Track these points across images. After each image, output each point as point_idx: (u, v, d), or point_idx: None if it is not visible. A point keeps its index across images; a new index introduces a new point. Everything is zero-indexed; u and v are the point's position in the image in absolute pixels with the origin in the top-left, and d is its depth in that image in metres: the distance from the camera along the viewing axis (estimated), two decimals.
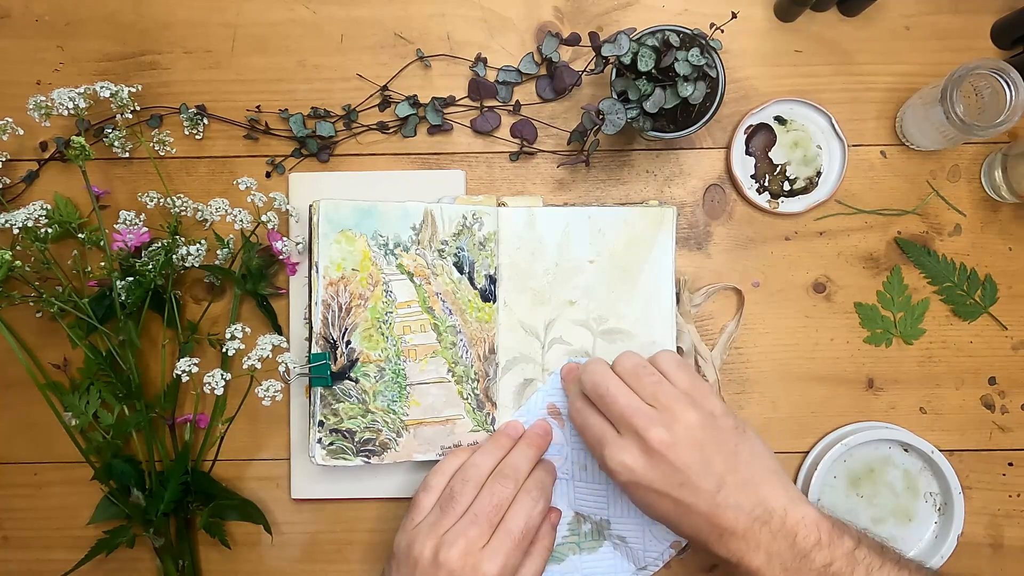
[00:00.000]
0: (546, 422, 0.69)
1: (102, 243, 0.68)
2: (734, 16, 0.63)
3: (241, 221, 0.68)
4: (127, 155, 0.72)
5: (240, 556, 0.73)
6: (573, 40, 0.71)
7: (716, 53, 0.65)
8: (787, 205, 0.72)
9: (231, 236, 0.71)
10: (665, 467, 0.57)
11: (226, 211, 0.67)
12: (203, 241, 0.69)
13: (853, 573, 0.55)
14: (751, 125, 0.72)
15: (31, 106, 0.68)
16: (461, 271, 0.70)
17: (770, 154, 0.72)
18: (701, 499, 0.57)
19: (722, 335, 0.72)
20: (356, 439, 0.68)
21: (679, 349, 0.71)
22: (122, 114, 0.70)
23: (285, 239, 0.69)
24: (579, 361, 0.69)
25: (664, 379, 0.61)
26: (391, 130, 0.73)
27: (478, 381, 0.70)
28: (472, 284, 0.70)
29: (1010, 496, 0.73)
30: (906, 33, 0.73)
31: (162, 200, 0.70)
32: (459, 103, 0.73)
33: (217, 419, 0.72)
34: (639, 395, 0.60)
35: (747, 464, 0.58)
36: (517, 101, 0.73)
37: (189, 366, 0.65)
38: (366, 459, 0.68)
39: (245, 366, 0.65)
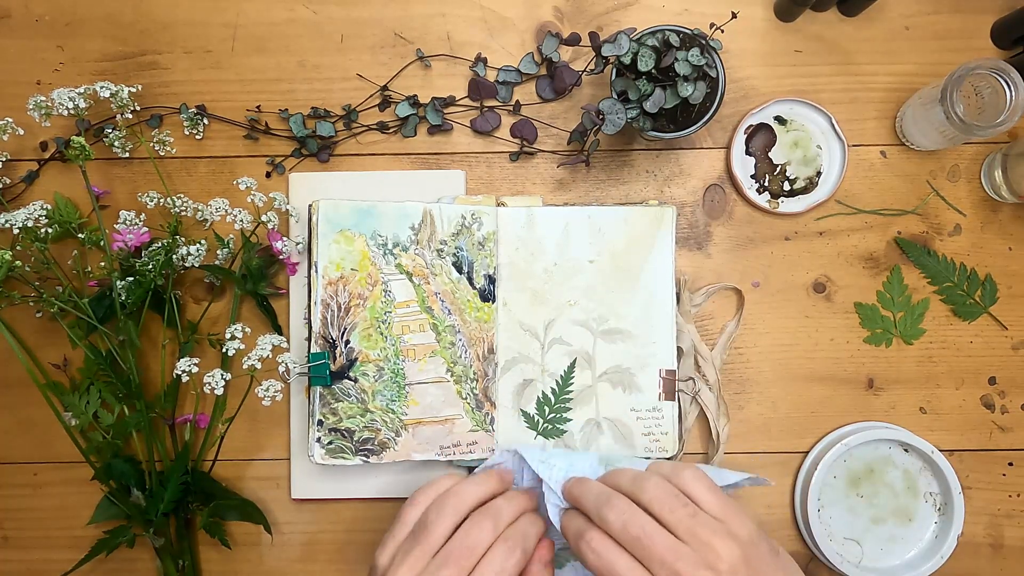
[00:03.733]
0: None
1: (102, 243, 0.68)
2: (734, 16, 0.63)
3: (241, 221, 0.68)
4: (127, 155, 0.72)
5: (240, 556, 0.73)
6: (573, 40, 0.71)
7: (716, 53, 0.65)
8: (787, 205, 0.72)
9: (231, 236, 0.71)
10: None
11: (226, 211, 0.67)
12: (203, 241, 0.69)
13: None
14: (751, 125, 0.72)
15: (31, 106, 0.68)
16: (460, 271, 0.70)
17: (770, 154, 0.72)
18: None
19: (722, 335, 0.72)
20: (355, 438, 0.68)
21: (679, 349, 0.71)
22: (122, 114, 0.70)
23: (285, 239, 0.69)
24: (585, 472, 0.61)
25: (698, 509, 0.55)
26: (391, 130, 0.73)
27: (477, 381, 0.70)
28: (471, 284, 0.70)
29: (1010, 496, 0.73)
30: (906, 33, 0.73)
31: (162, 200, 0.70)
32: (459, 103, 0.73)
33: (217, 419, 0.72)
34: (673, 530, 0.54)
35: None
36: (517, 101, 0.73)
37: (189, 366, 0.65)
38: (365, 458, 0.68)
39: (245, 366, 0.65)
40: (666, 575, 0.52)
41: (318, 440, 0.68)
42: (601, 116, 0.64)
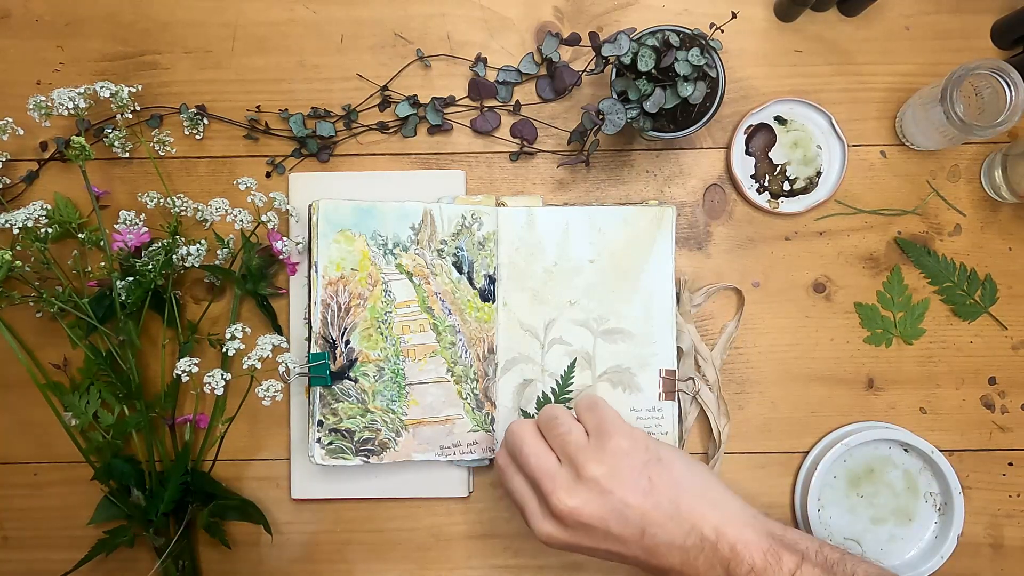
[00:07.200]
0: None
1: (102, 243, 0.68)
2: (734, 16, 0.63)
3: (241, 221, 0.68)
4: (127, 155, 0.72)
5: (240, 556, 0.73)
6: (573, 40, 0.71)
7: (716, 53, 0.65)
8: (787, 205, 0.72)
9: (231, 236, 0.71)
10: (581, 528, 0.56)
11: (226, 211, 0.67)
12: (203, 241, 0.69)
13: None
14: (751, 125, 0.72)
15: (31, 106, 0.68)
16: (460, 271, 0.70)
17: (770, 154, 0.72)
18: (630, 546, 0.56)
19: (722, 335, 0.72)
20: (355, 439, 0.68)
21: (679, 349, 0.71)
22: (122, 114, 0.70)
23: (285, 239, 0.69)
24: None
25: (573, 428, 0.59)
26: (391, 130, 0.73)
27: (477, 381, 0.70)
28: (471, 284, 0.70)
29: (1010, 496, 0.73)
30: (906, 33, 0.73)
31: (162, 200, 0.70)
32: (459, 103, 0.73)
33: (217, 419, 0.72)
34: (554, 449, 0.59)
35: (668, 494, 0.56)
36: (517, 101, 0.73)
37: (189, 366, 0.65)
38: (365, 459, 0.68)
39: (245, 366, 0.65)
40: (538, 494, 0.58)
41: (318, 440, 0.68)
42: (601, 116, 0.64)
